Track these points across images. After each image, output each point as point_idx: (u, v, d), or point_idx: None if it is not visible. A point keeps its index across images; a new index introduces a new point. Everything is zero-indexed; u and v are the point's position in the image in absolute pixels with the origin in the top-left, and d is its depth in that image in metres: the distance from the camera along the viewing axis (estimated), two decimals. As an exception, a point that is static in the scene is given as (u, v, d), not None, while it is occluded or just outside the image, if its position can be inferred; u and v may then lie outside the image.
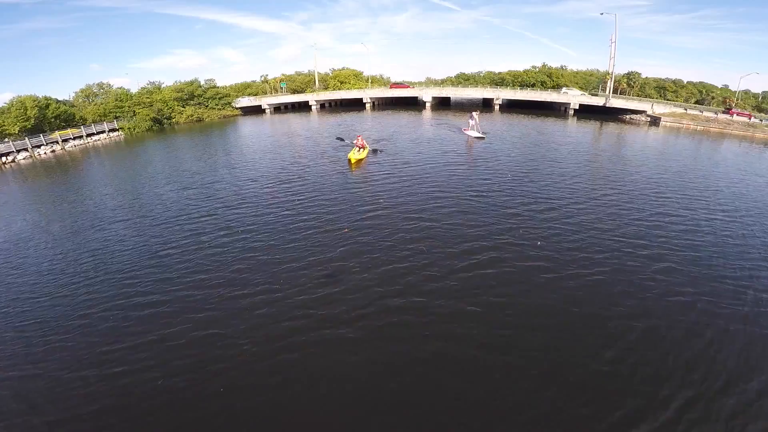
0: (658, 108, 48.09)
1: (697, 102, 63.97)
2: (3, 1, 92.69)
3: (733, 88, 70.15)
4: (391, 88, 65.82)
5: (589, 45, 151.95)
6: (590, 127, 42.00)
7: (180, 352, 7.71)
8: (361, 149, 23.33)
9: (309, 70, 78.45)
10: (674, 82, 72.26)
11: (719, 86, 74.42)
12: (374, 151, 24.72)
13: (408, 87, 65.58)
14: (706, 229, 13.06)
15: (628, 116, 48.72)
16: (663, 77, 73.64)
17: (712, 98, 66.94)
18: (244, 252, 11.50)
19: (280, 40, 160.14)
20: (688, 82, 73.13)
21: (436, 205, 14.78)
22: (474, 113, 32.71)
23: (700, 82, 74.48)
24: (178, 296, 9.49)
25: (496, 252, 11.07)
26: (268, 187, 18.22)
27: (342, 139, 26.54)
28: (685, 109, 48.97)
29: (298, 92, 70.30)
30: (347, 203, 15.25)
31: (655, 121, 45.07)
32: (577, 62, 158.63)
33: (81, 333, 8.58)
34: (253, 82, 79.19)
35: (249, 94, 69.41)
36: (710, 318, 8.41)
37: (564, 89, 55.32)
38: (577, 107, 51.18)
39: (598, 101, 51.18)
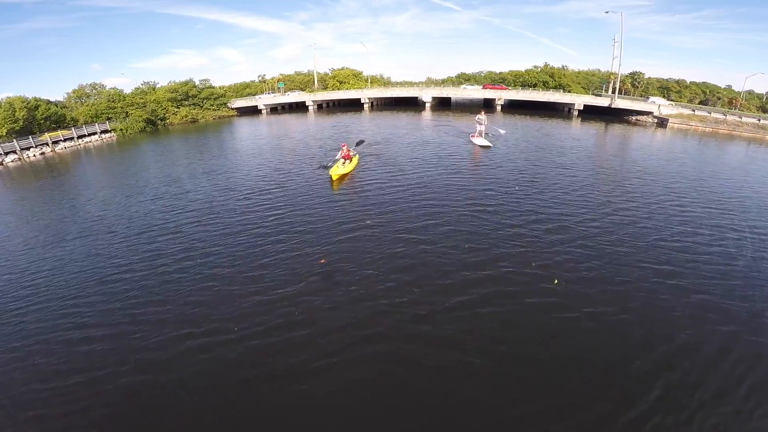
0: (665, 109, 46.53)
1: (701, 102, 62.31)
2: (3, 1, 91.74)
3: (736, 88, 68.80)
4: (484, 88, 61.93)
5: (590, 45, 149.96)
6: (596, 128, 40.55)
7: (111, 399, 6.59)
8: (347, 161, 19.99)
9: (308, 70, 77.41)
10: (678, 82, 70.57)
11: (722, 86, 72.86)
12: (358, 143, 23.32)
13: (505, 89, 61.16)
14: (736, 251, 11.48)
15: (634, 117, 47.26)
16: (665, 77, 72.14)
17: (718, 99, 65.24)
18: (203, 278, 10.10)
19: (280, 40, 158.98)
20: (691, 83, 71.45)
21: (430, 224, 13.00)
22: (480, 115, 28.11)
23: (703, 82, 72.85)
24: (120, 331, 8.24)
25: (500, 285, 9.42)
26: (244, 199, 16.68)
27: (326, 167, 19.91)
28: (693, 110, 47.39)
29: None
30: (328, 221, 13.55)
31: (662, 122, 43.57)
32: (578, 62, 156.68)
33: (9, 368, 7.55)
34: (252, 82, 78.11)
35: (247, 94, 68.24)
36: (747, 369, 7.01)
37: (651, 99, 53.17)
38: (582, 108, 49.80)
39: (603, 102, 49.75)
